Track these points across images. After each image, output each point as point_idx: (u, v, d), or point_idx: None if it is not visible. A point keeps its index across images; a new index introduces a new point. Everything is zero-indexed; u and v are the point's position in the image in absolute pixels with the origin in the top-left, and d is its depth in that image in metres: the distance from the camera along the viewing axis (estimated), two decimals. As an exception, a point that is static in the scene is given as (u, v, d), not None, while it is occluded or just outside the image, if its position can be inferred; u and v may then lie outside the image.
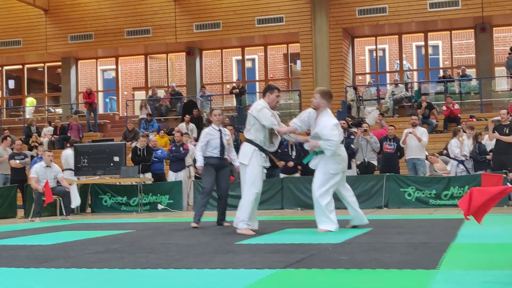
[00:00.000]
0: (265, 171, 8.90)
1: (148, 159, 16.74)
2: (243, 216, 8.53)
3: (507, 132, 15.09)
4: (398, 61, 25.56)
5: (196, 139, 20.56)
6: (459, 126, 17.18)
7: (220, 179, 10.26)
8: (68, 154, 16.86)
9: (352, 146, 15.45)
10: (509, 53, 22.15)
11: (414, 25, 23.59)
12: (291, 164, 15.68)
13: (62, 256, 6.68)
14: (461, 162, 15.46)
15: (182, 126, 21.23)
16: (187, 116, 21.80)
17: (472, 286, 4.28)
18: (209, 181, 10.19)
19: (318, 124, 8.35)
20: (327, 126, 8.23)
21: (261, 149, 8.63)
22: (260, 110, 8.57)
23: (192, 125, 21.49)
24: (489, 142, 15.56)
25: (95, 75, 28.82)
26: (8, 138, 17.18)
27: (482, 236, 7.62)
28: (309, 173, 15.62)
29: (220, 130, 10.38)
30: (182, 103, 24.41)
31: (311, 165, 8.55)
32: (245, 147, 8.73)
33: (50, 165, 14.17)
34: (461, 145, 15.38)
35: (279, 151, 15.75)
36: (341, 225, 8.53)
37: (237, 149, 15.90)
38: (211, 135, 10.28)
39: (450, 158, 15.85)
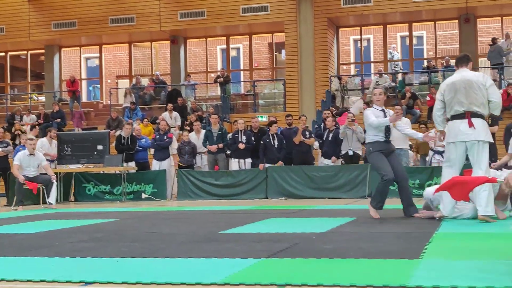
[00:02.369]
0: None
1: (132, 147, 16.68)
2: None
3: (489, 122, 15.17)
4: (390, 50, 25.51)
5: (180, 127, 20.57)
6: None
7: (393, 164, 8.95)
8: (43, 142, 16.60)
9: (341, 138, 15.47)
10: (490, 45, 22.27)
11: (399, 15, 23.63)
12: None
13: (45, 245, 6.65)
14: (438, 152, 15.52)
15: (165, 115, 21.18)
16: (169, 104, 21.73)
17: (455, 275, 4.30)
18: (386, 165, 8.81)
19: None
20: None
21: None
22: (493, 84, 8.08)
23: (175, 113, 21.41)
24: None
25: (78, 63, 28.65)
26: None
27: (465, 225, 7.67)
28: (292, 163, 15.73)
29: (383, 110, 9.10)
30: (166, 91, 24.33)
31: None
32: (484, 123, 8.03)
33: (34, 153, 14.09)
34: (435, 136, 15.45)
35: (262, 142, 15.77)
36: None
37: (222, 138, 16.00)
38: (376, 115, 8.96)
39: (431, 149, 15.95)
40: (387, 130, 8.90)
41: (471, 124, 7.94)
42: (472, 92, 7.99)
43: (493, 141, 8.35)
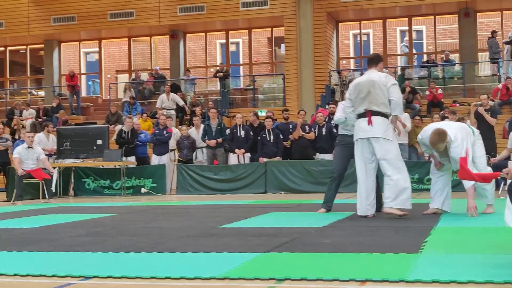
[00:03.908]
0: None
1: (132, 141, 16.69)
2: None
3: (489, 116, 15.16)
4: (406, 44, 25.46)
5: (180, 122, 20.53)
6: (442, 112, 17.22)
7: None
8: (40, 137, 16.56)
9: (335, 130, 15.47)
10: (489, 38, 22.28)
11: (398, 9, 23.58)
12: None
13: (44, 239, 6.66)
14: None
15: (163, 98, 21.30)
16: (167, 86, 21.73)
17: (454, 270, 4.31)
18: (339, 163, 9.09)
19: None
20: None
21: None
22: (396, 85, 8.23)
23: (173, 95, 21.41)
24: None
25: (78, 57, 28.60)
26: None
27: (464, 219, 7.68)
28: (290, 157, 15.72)
29: None
30: (165, 86, 24.29)
31: None
32: (385, 121, 8.14)
33: (32, 146, 14.10)
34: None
35: (259, 138, 15.78)
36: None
37: (221, 133, 16.00)
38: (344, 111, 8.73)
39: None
40: None
41: (369, 122, 8.13)
42: (373, 93, 8.14)
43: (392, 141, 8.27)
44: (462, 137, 8.06)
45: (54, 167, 15.10)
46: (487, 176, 6.83)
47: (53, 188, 14.38)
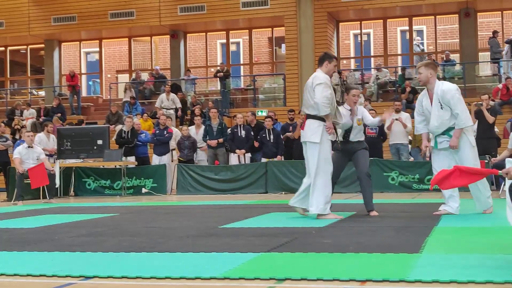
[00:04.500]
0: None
1: (132, 140, 16.69)
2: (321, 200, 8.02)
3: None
4: (417, 43, 25.45)
5: (180, 122, 20.52)
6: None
7: (356, 159, 8.76)
8: (41, 137, 16.57)
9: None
10: (490, 38, 22.29)
11: (399, 9, 23.59)
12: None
13: (45, 239, 6.66)
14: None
15: (162, 97, 21.32)
16: (167, 86, 21.75)
17: (455, 270, 4.30)
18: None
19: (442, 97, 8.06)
20: (452, 96, 8.02)
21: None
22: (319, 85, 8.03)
23: (173, 95, 21.47)
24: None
25: (78, 57, 28.60)
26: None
27: (465, 220, 7.68)
28: (291, 157, 15.72)
29: (351, 110, 8.80)
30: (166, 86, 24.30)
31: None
32: (314, 123, 8.06)
33: (32, 146, 14.10)
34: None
35: (258, 137, 15.80)
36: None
37: (222, 133, 16.00)
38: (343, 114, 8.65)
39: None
40: (348, 130, 8.75)
41: (303, 126, 8.28)
42: (305, 95, 8.27)
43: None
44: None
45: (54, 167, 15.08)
46: (483, 172, 6.68)
47: (57, 183, 14.42)
